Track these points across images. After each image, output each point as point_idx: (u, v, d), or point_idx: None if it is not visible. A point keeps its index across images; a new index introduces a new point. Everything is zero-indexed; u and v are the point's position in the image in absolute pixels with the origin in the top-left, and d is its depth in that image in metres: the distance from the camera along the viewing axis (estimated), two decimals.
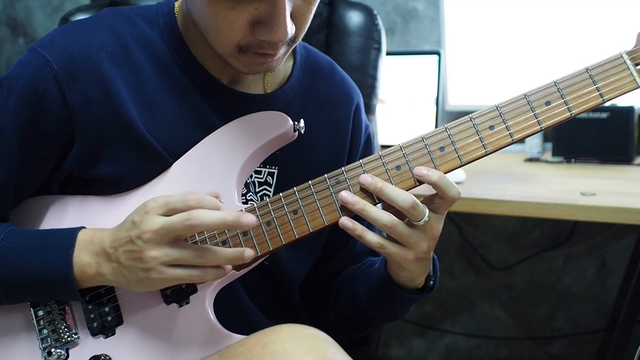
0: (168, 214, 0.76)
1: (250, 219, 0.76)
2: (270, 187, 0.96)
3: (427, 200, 0.84)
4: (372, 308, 0.98)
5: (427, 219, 0.81)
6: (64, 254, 0.81)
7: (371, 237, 0.83)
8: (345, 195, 0.82)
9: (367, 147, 1.07)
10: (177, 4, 0.92)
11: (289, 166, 0.96)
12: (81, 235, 0.83)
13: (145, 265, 0.77)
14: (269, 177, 0.96)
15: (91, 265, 0.80)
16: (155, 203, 0.77)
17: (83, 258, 0.81)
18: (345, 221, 0.82)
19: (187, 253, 0.77)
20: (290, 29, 0.78)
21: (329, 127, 1.00)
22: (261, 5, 0.76)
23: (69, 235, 0.83)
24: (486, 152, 0.82)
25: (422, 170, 0.82)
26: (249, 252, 0.79)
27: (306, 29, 0.84)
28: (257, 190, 0.95)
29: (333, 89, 1.02)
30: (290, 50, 0.86)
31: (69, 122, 0.85)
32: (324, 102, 1.00)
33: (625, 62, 0.81)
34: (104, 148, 0.86)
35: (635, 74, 0.80)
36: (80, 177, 0.89)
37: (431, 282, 0.94)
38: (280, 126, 0.88)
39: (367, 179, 0.82)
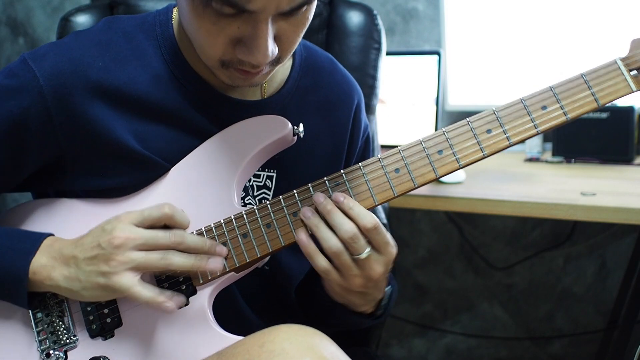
0: (143, 222, 0.80)
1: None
2: (269, 191, 0.96)
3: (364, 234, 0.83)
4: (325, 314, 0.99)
5: (364, 256, 0.81)
6: (24, 257, 0.81)
7: (320, 261, 0.83)
8: (305, 210, 0.83)
9: (366, 148, 1.07)
10: (175, 11, 0.92)
11: (288, 170, 0.95)
12: (46, 241, 0.83)
13: (109, 269, 0.78)
14: (267, 180, 0.95)
15: (45, 268, 0.81)
16: (129, 213, 0.81)
17: (39, 260, 0.81)
18: (302, 236, 0.83)
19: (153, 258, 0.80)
20: (272, 51, 0.77)
21: (328, 129, 0.99)
22: (244, 26, 0.76)
23: (34, 240, 0.83)
24: (484, 155, 0.83)
25: (338, 197, 0.82)
26: (214, 265, 0.83)
27: (293, 50, 0.83)
28: (255, 194, 0.95)
29: (334, 89, 1.01)
30: (277, 68, 0.85)
31: (53, 138, 0.85)
32: (324, 103, 0.99)
33: (619, 67, 0.82)
34: (92, 164, 0.86)
35: (629, 79, 0.82)
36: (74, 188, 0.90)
37: (379, 311, 0.94)
38: (279, 130, 0.88)
39: (320, 198, 0.83)
